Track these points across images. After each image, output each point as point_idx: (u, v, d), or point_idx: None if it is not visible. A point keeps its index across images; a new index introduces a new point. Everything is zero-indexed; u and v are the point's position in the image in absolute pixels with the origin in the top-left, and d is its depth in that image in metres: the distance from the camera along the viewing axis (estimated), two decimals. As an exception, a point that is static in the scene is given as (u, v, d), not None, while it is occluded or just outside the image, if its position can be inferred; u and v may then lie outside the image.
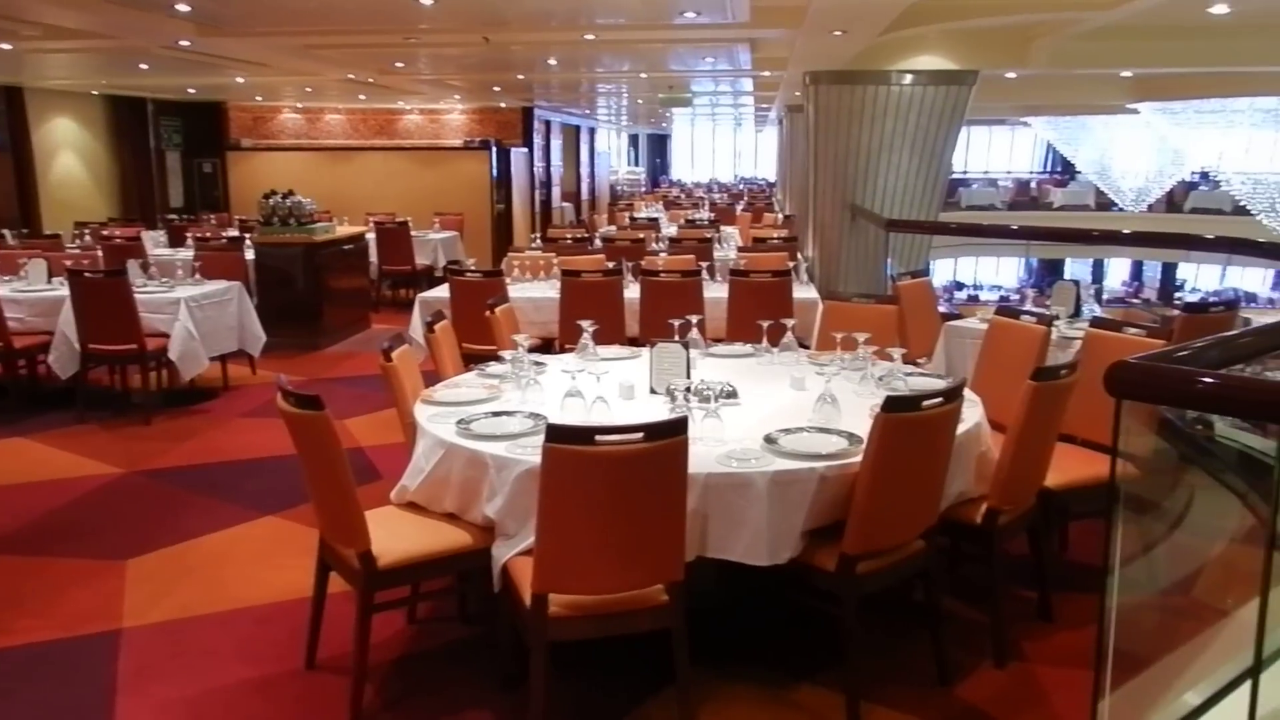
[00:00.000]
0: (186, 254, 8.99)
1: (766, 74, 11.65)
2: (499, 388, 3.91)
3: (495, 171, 15.86)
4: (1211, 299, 21.21)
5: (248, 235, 9.82)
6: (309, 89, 14.32)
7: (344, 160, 16.50)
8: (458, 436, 3.30)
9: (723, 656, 3.44)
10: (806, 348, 5.03)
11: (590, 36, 8.29)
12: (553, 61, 11.04)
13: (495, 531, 3.16)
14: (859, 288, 8.21)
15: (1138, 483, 2.82)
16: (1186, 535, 3.19)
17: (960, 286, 26.81)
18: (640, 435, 2.71)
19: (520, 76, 12.60)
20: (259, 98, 16.13)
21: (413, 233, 11.91)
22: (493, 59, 10.64)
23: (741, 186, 27.14)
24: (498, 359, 4.24)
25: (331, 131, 17.20)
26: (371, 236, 11.37)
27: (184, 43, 8.56)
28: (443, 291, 6.79)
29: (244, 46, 9.11)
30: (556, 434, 2.71)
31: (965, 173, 27.18)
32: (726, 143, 36.90)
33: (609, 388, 3.71)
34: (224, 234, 10.60)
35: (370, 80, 11.98)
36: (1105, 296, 25.74)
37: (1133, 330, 4.25)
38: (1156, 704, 2.50)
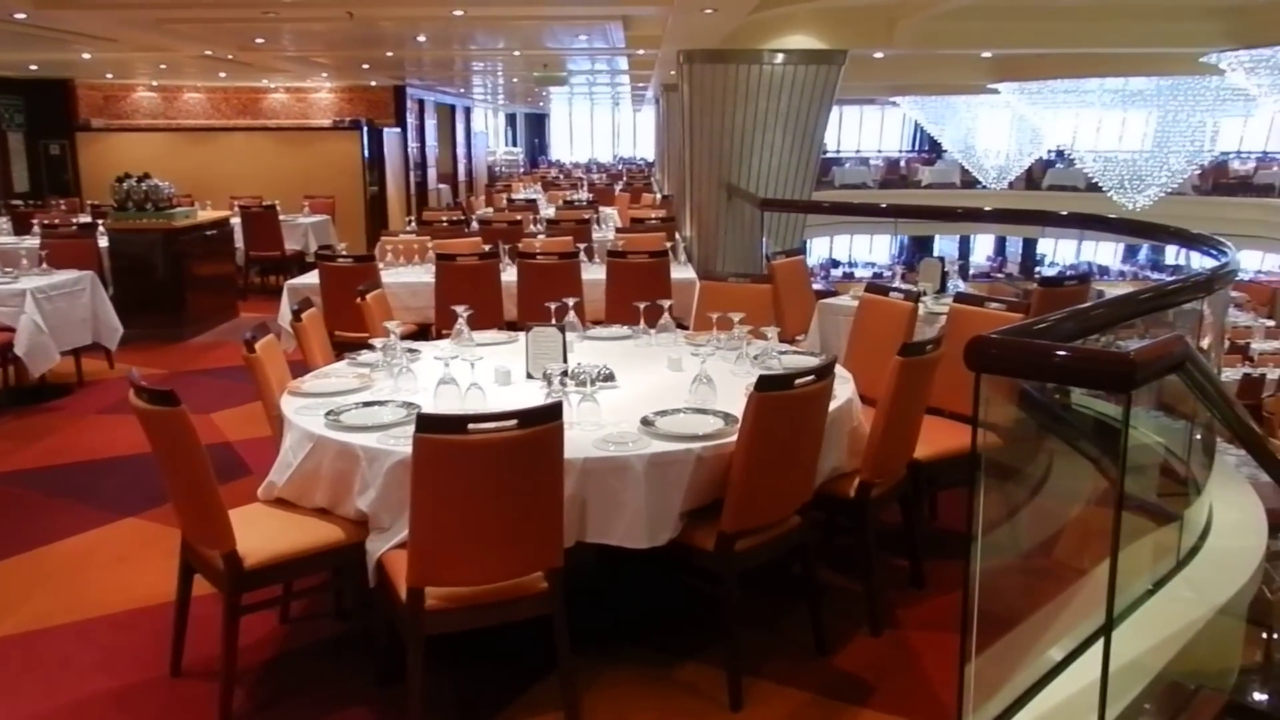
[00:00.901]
0: (33, 242, 8.45)
1: (641, 52, 11.63)
2: (371, 377, 3.80)
3: (367, 152, 15.41)
4: (1068, 273, 22.19)
5: (100, 221, 9.29)
6: (164, 66, 13.61)
7: (205, 141, 15.76)
8: (327, 428, 3.19)
9: (606, 640, 3.44)
10: (686, 328, 5.06)
11: (460, 12, 8.11)
12: (422, 38, 10.76)
13: (369, 525, 3.08)
14: (737, 267, 8.30)
15: (1000, 451, 2.92)
16: (1047, 500, 3.32)
17: (836, 264, 27.48)
18: (514, 422, 2.67)
19: (390, 54, 12.26)
20: (109, 75, 15.25)
21: (281, 217, 11.47)
22: (360, 35, 10.32)
23: (620, 167, 27.12)
24: (369, 347, 4.12)
25: (191, 111, 16.41)
26: (237, 221, 10.91)
27: (19, 15, 8.00)
28: (313, 278, 6.57)
29: (88, 20, 8.58)
30: (427, 423, 2.64)
31: (838, 152, 27.82)
32: (605, 122, 36.81)
33: (485, 374, 3.66)
34: (74, 220, 10.01)
35: (230, 57, 11.47)
36: (972, 271, 26.79)
37: (994, 305, 4.41)
38: (1021, 662, 2.60)
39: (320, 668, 3.34)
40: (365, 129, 15.56)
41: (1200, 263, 4.18)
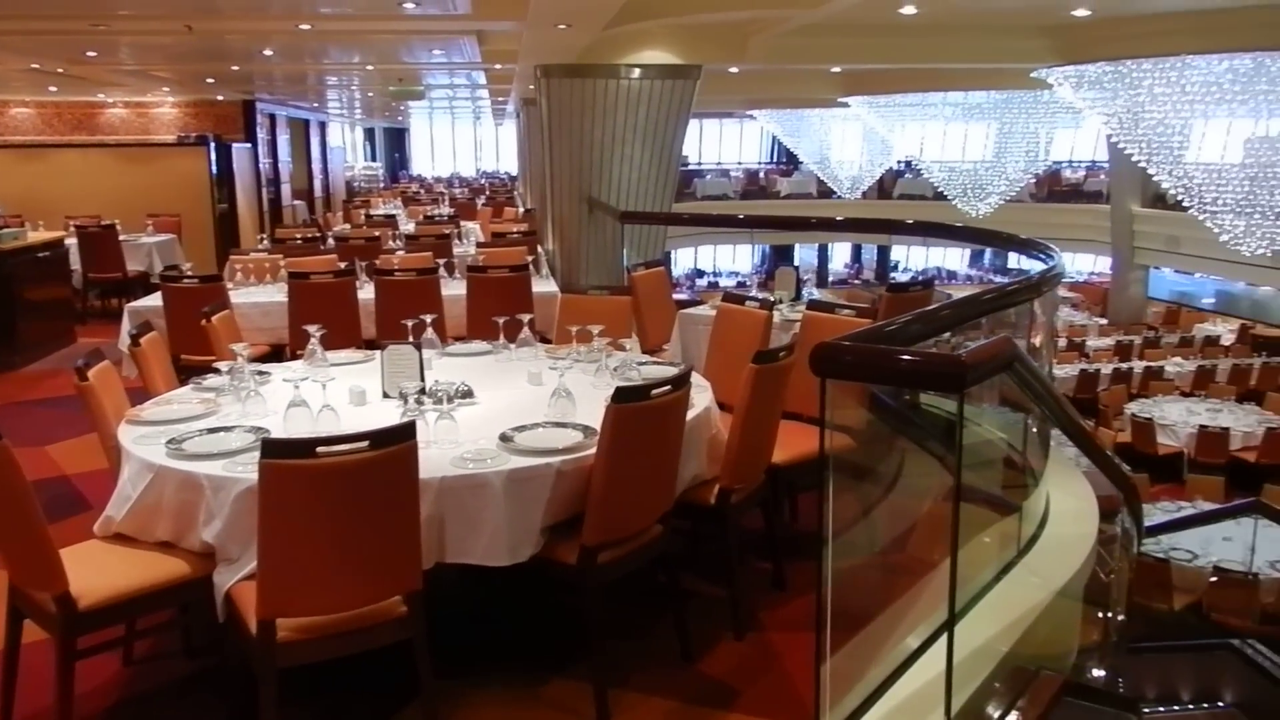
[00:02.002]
0: None
1: (498, 67, 11.58)
2: (216, 402, 3.65)
3: (215, 169, 14.80)
4: (919, 278, 23.11)
5: (-82, 245, 8.64)
6: (-12, 79, 12.81)
7: (36, 159, 14.82)
8: (168, 458, 3.05)
9: (471, 661, 3.38)
10: (549, 342, 5.05)
11: (306, 26, 7.90)
12: (269, 52, 10.44)
13: (216, 557, 2.94)
14: (599, 279, 8.34)
15: (854, 453, 3.01)
16: (900, 497, 3.45)
17: (701, 273, 27.95)
18: (366, 444, 2.61)
19: (236, 68, 11.85)
20: (-75, 88, 14.26)
21: (122, 237, 10.91)
22: (202, 49, 9.93)
23: (483, 181, 26.92)
24: (214, 371, 3.95)
25: (19, 127, 15.45)
26: (72, 242, 10.33)
27: None
28: (156, 300, 6.26)
29: (-103, 30, 8.01)
30: (274, 448, 2.55)
31: (700, 164, 28.29)
32: (467, 136, 36.43)
33: (339, 395, 3.56)
34: (-113, 244, 9.26)
35: (60, 70, 10.86)
36: (831, 278, 27.68)
37: (845, 311, 4.56)
38: (877, 656, 2.67)
39: (167, 710, 3.18)
40: (212, 145, 14.95)
41: (1032, 266, 4.42)
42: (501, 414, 3.48)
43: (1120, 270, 19.85)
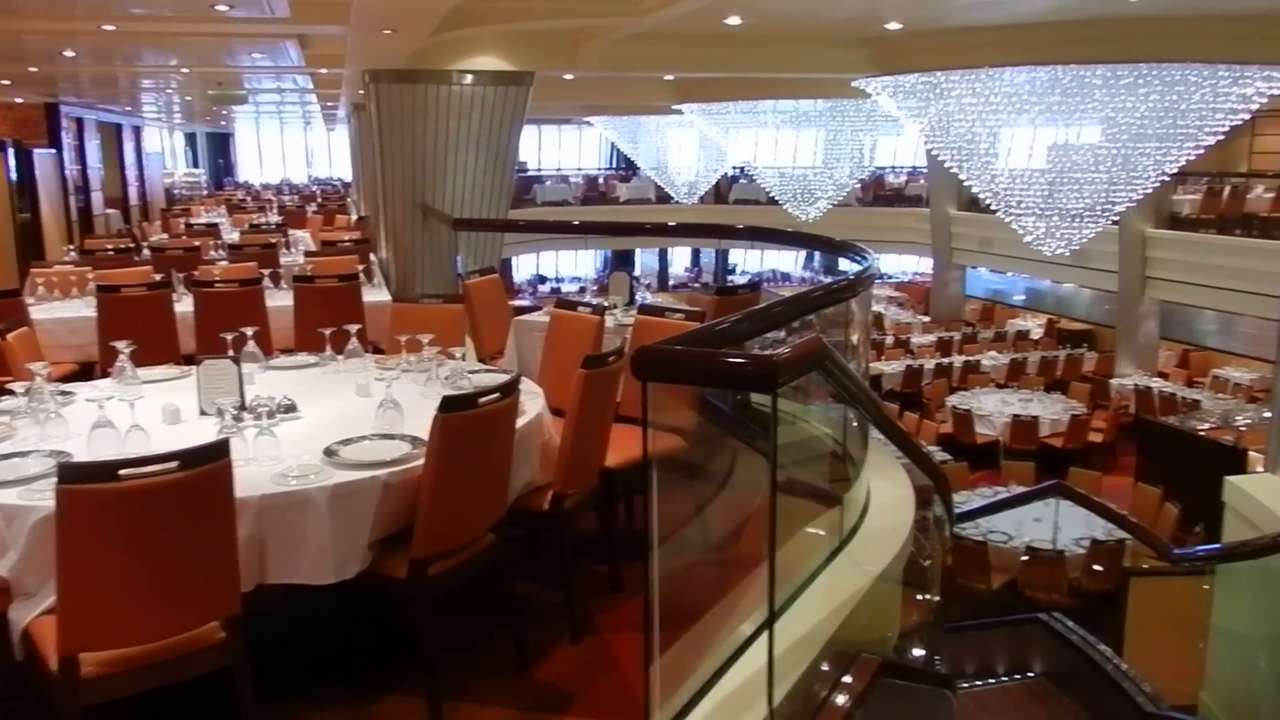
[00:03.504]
0: None
1: (324, 71, 11.26)
2: (12, 425, 3.41)
3: (15, 176, 13.80)
4: (754, 280, 23.69)
5: None
6: None
7: None
8: (-46, 489, 2.82)
9: (299, 684, 3.27)
10: (383, 353, 4.94)
11: (110, 27, 7.47)
12: (70, 53, 9.80)
13: (11, 592, 2.75)
14: (434, 288, 8.21)
15: (685, 453, 3.08)
16: (732, 494, 3.55)
17: (543, 280, 27.89)
18: (175, 464, 2.49)
19: (34, 69, 11.07)
20: None
21: (-94, 250, 10.04)
22: (-3, 48, 9.26)
23: (315, 188, 26.06)
24: (9, 392, 3.69)
25: None
26: None
27: None
28: (-55, 318, 5.79)
29: None
30: (72, 473, 2.41)
31: (540, 170, 28.24)
32: (298, 142, 35.18)
33: (151, 413, 3.39)
34: None
35: None
36: (671, 282, 28.11)
37: (675, 315, 4.65)
38: (708, 650, 2.74)
39: (-38, 760, 2.95)
40: (11, 150, 13.92)
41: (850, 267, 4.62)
42: (327, 428, 3.39)
43: (940, 270, 20.99)
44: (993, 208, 10.76)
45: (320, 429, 3.38)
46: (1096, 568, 7.75)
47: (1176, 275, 14.92)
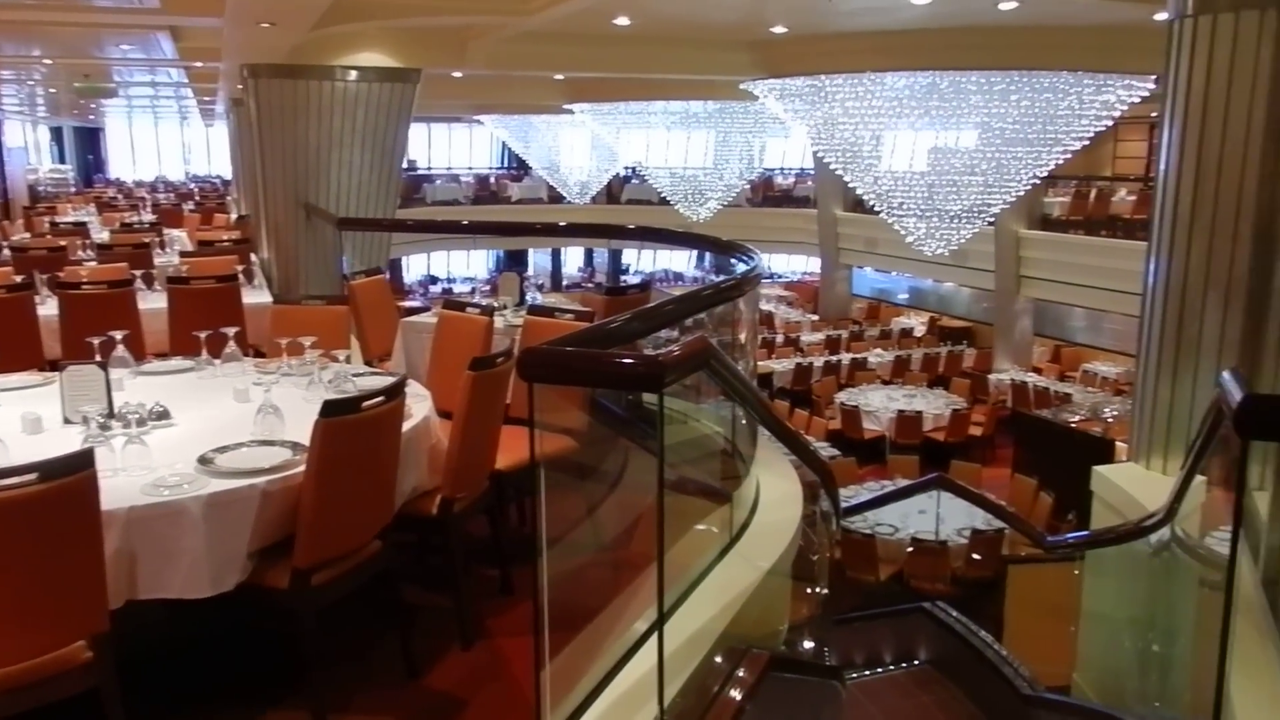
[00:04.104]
0: None
1: (199, 65, 10.85)
2: None
3: None
4: (646, 279, 23.74)
5: None
6: None
7: None
8: None
9: (175, 703, 3.14)
10: (264, 356, 4.78)
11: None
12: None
13: None
14: (319, 289, 8.00)
15: (577, 454, 3.06)
16: (625, 494, 3.55)
17: (435, 280, 27.49)
18: (34, 476, 2.35)
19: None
20: None
21: None
22: None
23: (193, 185, 25.11)
24: None
25: None
26: None
27: None
28: None
29: None
30: (-84, 490, 2.25)
31: (430, 169, 27.81)
32: (174, 138, 33.80)
33: (9, 423, 3.21)
34: None
35: None
36: (565, 282, 28.05)
37: (565, 315, 4.63)
38: (601, 650, 2.73)
39: None
40: None
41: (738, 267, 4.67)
42: (202, 435, 3.26)
43: (828, 270, 21.48)
44: (877, 209, 11.07)
45: (195, 436, 3.25)
46: (976, 557, 8.04)
47: (1048, 274, 15.60)
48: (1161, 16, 4.95)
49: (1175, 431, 4.83)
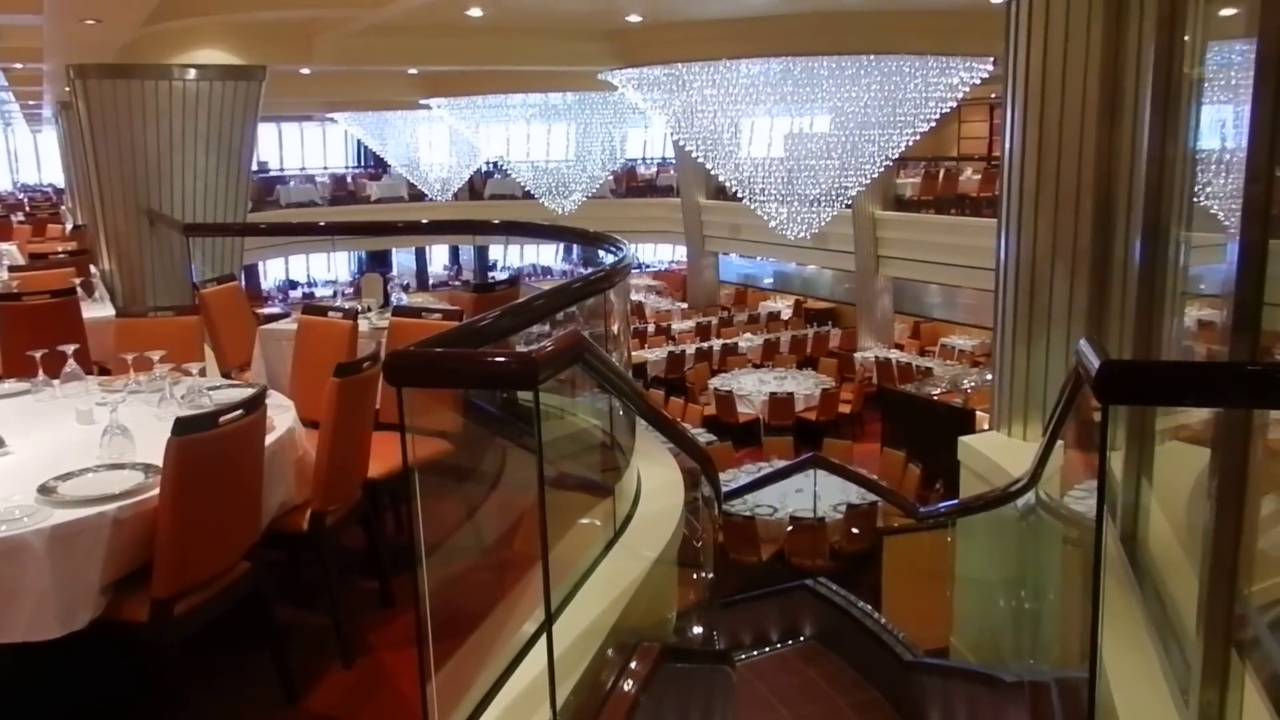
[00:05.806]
0: None
1: (19, 66, 10.14)
2: None
3: None
4: (514, 275, 23.53)
5: None
6: None
7: None
8: None
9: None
10: (108, 373, 4.49)
11: None
12: None
13: None
14: (168, 299, 7.61)
15: (453, 456, 2.96)
16: (505, 494, 3.47)
17: (295, 284, 26.57)
18: None
19: None
20: None
21: None
22: None
23: (21, 195, 23.55)
24: None
25: None
26: None
27: None
28: None
29: None
30: None
31: (283, 170, 26.84)
32: (-1, 146, 31.58)
33: None
34: None
35: None
36: (432, 281, 27.52)
37: (433, 315, 4.50)
38: (490, 657, 2.66)
39: None
40: None
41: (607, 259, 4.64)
42: (42, 462, 3.02)
43: (694, 257, 21.73)
44: (739, 195, 11.22)
45: (34, 464, 3.01)
46: (853, 530, 8.26)
47: (904, 253, 16.15)
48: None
49: (1033, 399, 5.05)
